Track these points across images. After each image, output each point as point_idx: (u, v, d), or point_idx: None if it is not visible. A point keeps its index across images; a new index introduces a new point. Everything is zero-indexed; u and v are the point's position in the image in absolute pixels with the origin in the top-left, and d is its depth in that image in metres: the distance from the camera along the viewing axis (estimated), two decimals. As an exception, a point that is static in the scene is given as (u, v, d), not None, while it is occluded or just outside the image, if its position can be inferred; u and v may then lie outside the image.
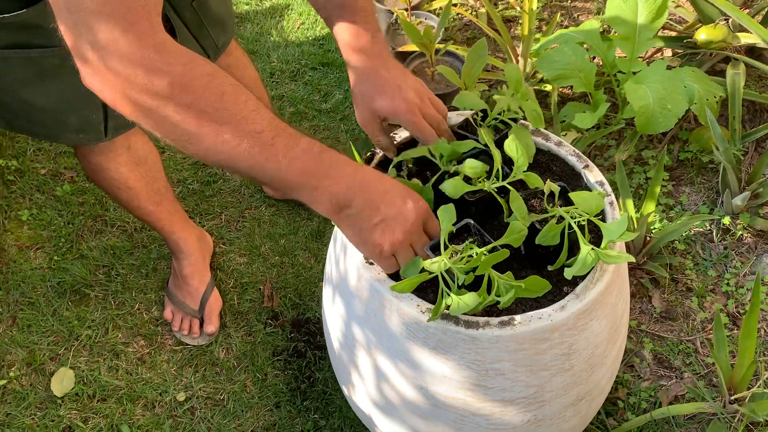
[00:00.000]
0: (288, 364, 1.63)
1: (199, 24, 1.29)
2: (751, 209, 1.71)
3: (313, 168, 0.86)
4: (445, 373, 1.00)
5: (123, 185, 1.44)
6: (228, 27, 1.40)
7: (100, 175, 1.42)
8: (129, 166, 1.42)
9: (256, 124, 0.83)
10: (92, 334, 1.70)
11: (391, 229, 0.93)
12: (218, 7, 1.34)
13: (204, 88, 0.79)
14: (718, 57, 1.91)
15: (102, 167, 1.40)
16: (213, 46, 1.35)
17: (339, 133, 2.10)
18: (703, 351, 1.58)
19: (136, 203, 1.49)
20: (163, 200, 1.54)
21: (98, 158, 1.38)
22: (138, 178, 1.45)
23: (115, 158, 1.39)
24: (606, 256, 0.92)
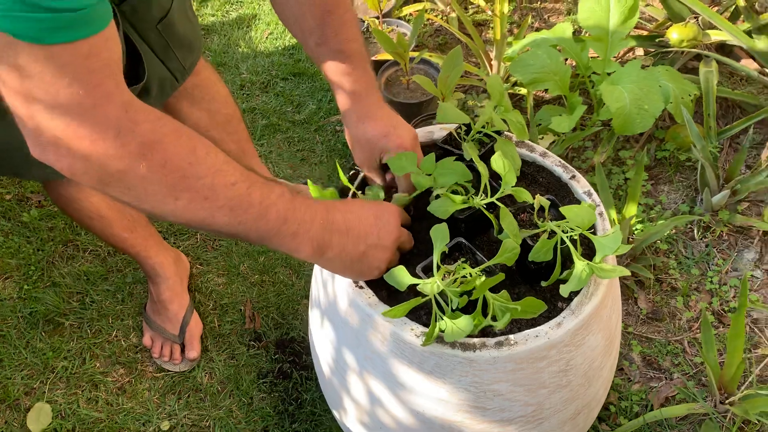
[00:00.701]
0: (274, 386, 1.59)
1: (165, 47, 1.25)
2: (729, 206, 1.72)
3: (289, 214, 0.85)
4: (442, 396, 0.97)
5: (95, 214, 1.39)
6: (195, 47, 1.36)
7: (71, 207, 1.37)
8: (99, 195, 1.37)
9: (229, 176, 0.81)
10: (68, 365, 1.64)
11: (381, 250, 0.94)
12: (184, 28, 1.30)
13: (175, 144, 0.76)
14: (689, 55, 1.92)
15: (72, 198, 1.35)
16: (180, 69, 1.31)
17: (314, 144, 2.07)
18: (690, 351, 1.58)
19: (109, 231, 1.44)
20: (137, 226, 1.49)
21: (68, 190, 1.33)
22: (110, 205, 1.40)
23: (85, 188, 1.34)
24: (601, 271, 0.90)
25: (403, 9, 2.16)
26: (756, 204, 1.76)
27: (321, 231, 0.88)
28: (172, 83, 1.29)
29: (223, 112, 1.60)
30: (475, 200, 0.98)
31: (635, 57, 2.05)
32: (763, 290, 1.65)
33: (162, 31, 1.22)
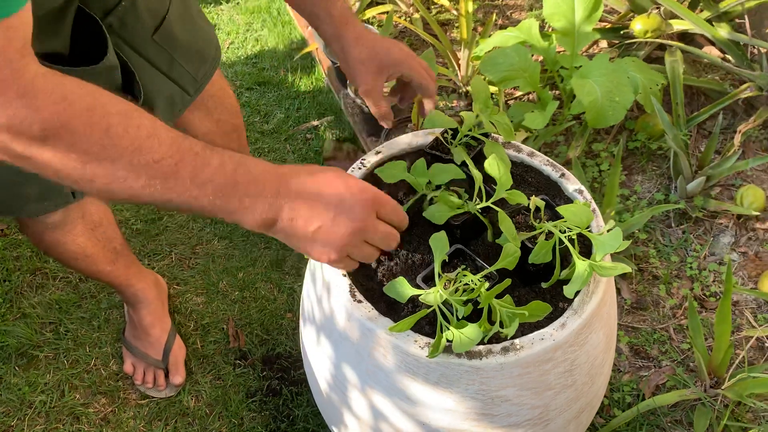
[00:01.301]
0: (264, 405, 1.56)
1: (168, 60, 1.16)
2: (703, 192, 1.75)
3: (227, 190, 0.77)
4: (449, 406, 0.96)
5: (81, 255, 1.35)
6: (208, 56, 1.27)
7: (57, 250, 1.32)
8: (86, 235, 1.32)
9: (153, 153, 0.73)
10: (46, 399, 1.58)
11: (334, 234, 0.83)
12: (189, 36, 1.20)
13: (84, 125, 0.70)
14: (653, 45, 1.95)
15: (59, 242, 1.29)
16: (191, 81, 1.22)
17: (285, 154, 2.03)
18: (677, 337, 1.59)
19: (93, 269, 1.40)
20: (119, 257, 1.45)
21: (54, 234, 1.28)
22: (95, 243, 1.35)
23: (72, 230, 1.29)
24: (602, 269, 0.90)
25: (366, 12, 2.14)
26: (728, 188, 1.79)
27: (267, 207, 0.79)
28: (182, 97, 1.21)
29: (230, 122, 1.55)
30: (469, 205, 0.97)
31: (600, 50, 2.07)
32: (741, 272, 1.68)
33: (160, 42, 1.13)
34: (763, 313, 1.61)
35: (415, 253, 1.03)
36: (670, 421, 1.47)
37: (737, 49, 1.86)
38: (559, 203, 1.06)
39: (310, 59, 2.27)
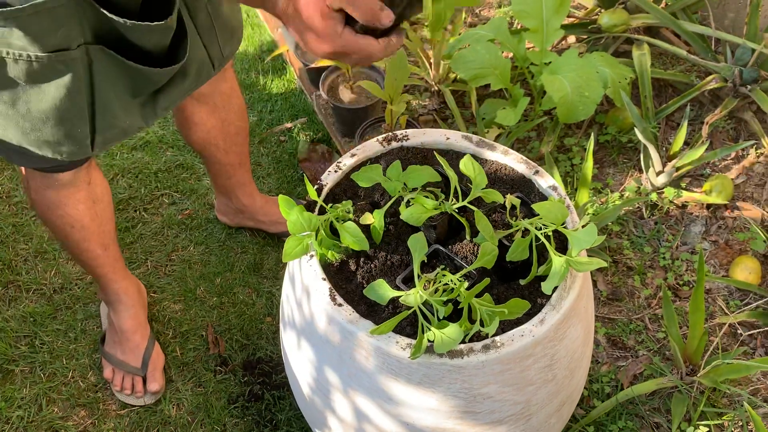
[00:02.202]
0: (246, 410, 1.55)
1: (210, 29, 1.18)
2: (673, 183, 1.78)
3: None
4: (432, 406, 0.97)
5: (78, 224, 1.33)
6: (236, 35, 1.29)
7: (55, 213, 1.31)
8: (86, 203, 1.32)
9: None
10: (24, 413, 1.55)
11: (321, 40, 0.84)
12: (229, 12, 1.23)
13: None
14: (620, 39, 1.98)
15: (60, 203, 1.29)
16: (219, 56, 1.24)
17: (259, 157, 2.02)
18: (652, 327, 1.62)
19: (86, 245, 1.38)
20: (111, 244, 1.44)
21: (58, 193, 1.27)
22: (93, 216, 1.35)
23: (75, 193, 1.28)
24: (579, 264, 0.91)
25: (336, 13, 2.13)
26: (697, 178, 1.83)
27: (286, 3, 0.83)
28: (208, 70, 1.22)
29: (236, 123, 1.55)
30: (446, 205, 0.97)
31: (569, 46, 2.09)
32: (712, 261, 1.72)
33: (210, 11, 1.15)
34: (734, 299, 1.64)
35: (393, 254, 1.03)
36: (649, 410, 1.49)
37: (702, 42, 1.90)
38: (534, 200, 1.07)
39: (281, 61, 2.26)
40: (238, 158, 1.64)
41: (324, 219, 1.00)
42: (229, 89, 1.50)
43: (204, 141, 1.55)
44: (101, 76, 1.04)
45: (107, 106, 1.08)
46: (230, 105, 1.52)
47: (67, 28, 0.96)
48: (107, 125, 1.11)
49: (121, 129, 1.13)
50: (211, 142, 1.55)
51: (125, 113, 1.11)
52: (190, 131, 1.53)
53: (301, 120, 2.09)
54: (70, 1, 0.94)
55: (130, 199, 1.93)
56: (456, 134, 1.15)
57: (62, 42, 0.97)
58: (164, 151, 2.04)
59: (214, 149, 1.58)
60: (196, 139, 1.55)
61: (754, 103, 1.85)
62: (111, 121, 1.10)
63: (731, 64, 1.81)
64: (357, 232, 0.97)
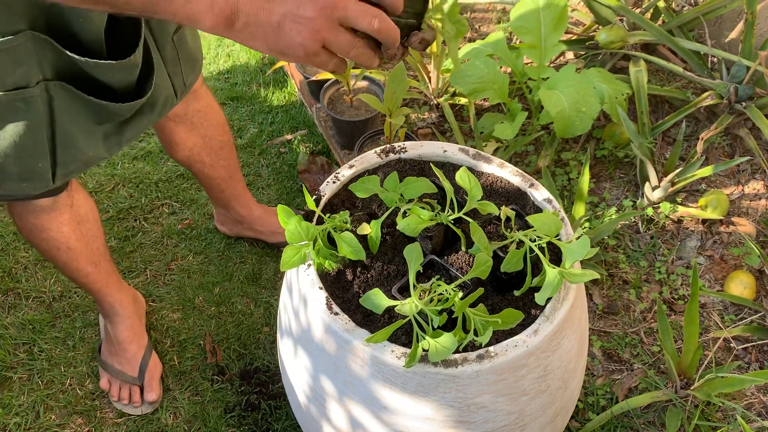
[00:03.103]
0: (243, 420, 1.56)
1: (175, 60, 1.20)
2: (669, 197, 1.79)
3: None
4: (427, 415, 0.97)
5: (64, 246, 1.34)
6: (197, 65, 1.31)
7: (39, 236, 1.31)
8: (71, 225, 1.32)
9: None
10: (21, 420, 1.56)
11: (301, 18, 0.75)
12: (192, 43, 1.25)
13: None
14: (617, 56, 2.00)
15: (43, 227, 1.29)
16: (181, 85, 1.26)
17: (259, 168, 2.04)
18: (647, 340, 1.63)
19: (74, 265, 1.39)
20: (102, 260, 1.45)
21: (40, 218, 1.27)
22: (79, 237, 1.35)
23: (58, 217, 1.29)
24: (572, 276, 0.93)
25: (337, 27, 2.16)
26: (693, 193, 1.84)
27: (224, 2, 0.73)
28: (172, 100, 1.23)
29: (217, 138, 1.56)
30: (442, 216, 0.99)
31: (567, 61, 2.12)
32: (707, 275, 1.73)
33: (176, 43, 1.17)
34: (729, 314, 1.65)
35: (390, 264, 1.04)
36: (644, 423, 1.50)
37: (698, 59, 1.92)
38: (529, 212, 1.09)
39: (282, 74, 2.29)
40: (226, 172, 1.65)
41: (322, 229, 1.01)
42: (205, 106, 1.51)
43: (188, 159, 1.57)
44: (62, 111, 1.04)
45: (69, 140, 1.08)
46: (208, 122, 1.53)
47: (27, 67, 0.95)
48: (69, 159, 1.11)
49: (83, 161, 1.14)
50: (195, 159, 1.57)
51: (88, 146, 1.11)
52: (173, 150, 1.55)
53: (301, 132, 2.11)
54: (29, 41, 0.93)
55: (131, 208, 1.94)
56: (453, 147, 1.16)
57: (20, 80, 0.96)
58: (165, 161, 2.06)
59: (201, 165, 1.59)
60: (180, 157, 1.57)
61: (749, 120, 1.87)
62: (74, 154, 1.11)
63: (727, 81, 1.83)
64: (354, 242, 0.99)
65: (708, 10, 1.90)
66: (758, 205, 1.81)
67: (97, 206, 1.92)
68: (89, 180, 2.00)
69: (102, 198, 1.96)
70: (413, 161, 1.17)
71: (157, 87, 1.14)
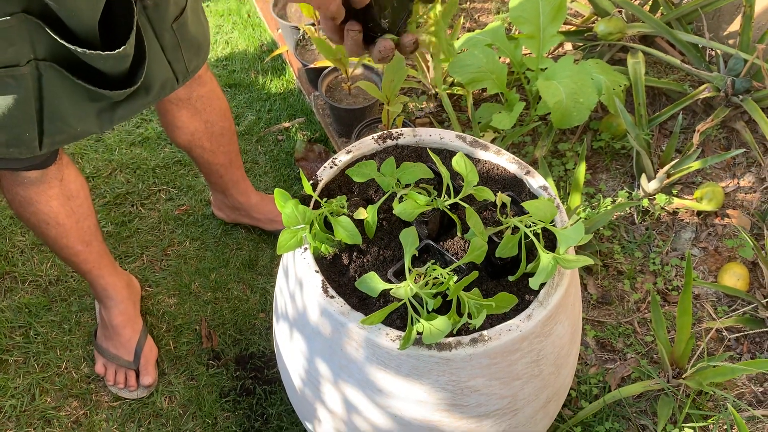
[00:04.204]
0: (238, 404, 1.57)
1: (175, 47, 1.20)
2: (665, 189, 1.80)
3: None
4: (420, 398, 0.98)
5: (53, 221, 1.34)
6: (202, 50, 1.31)
7: (28, 210, 1.32)
8: (60, 200, 1.32)
9: None
10: (17, 403, 1.56)
11: None
12: (195, 29, 1.26)
13: None
14: (616, 47, 2.00)
15: (32, 200, 1.29)
16: (184, 71, 1.26)
17: (257, 156, 2.04)
18: (641, 330, 1.64)
19: (64, 242, 1.39)
20: (93, 240, 1.45)
21: (28, 191, 1.28)
22: (69, 213, 1.35)
23: (47, 191, 1.29)
24: (566, 262, 0.93)
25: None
26: (688, 186, 1.85)
27: None
28: (172, 84, 1.24)
29: (219, 124, 1.56)
30: (438, 201, 1.00)
31: (564, 52, 2.12)
32: (701, 267, 1.74)
33: (176, 30, 1.18)
34: (722, 305, 1.66)
35: (386, 249, 1.05)
36: (635, 412, 1.51)
37: (696, 52, 1.93)
38: (525, 199, 1.09)
39: (280, 61, 2.29)
40: (226, 158, 1.65)
41: (318, 213, 1.02)
42: (209, 92, 1.51)
43: (189, 143, 1.57)
44: (51, 88, 1.06)
45: (57, 113, 1.10)
46: (211, 107, 1.53)
47: (18, 47, 0.98)
48: (56, 130, 1.13)
49: (70, 134, 1.15)
50: (196, 144, 1.57)
51: (77, 120, 1.13)
52: (174, 134, 1.55)
53: (299, 120, 2.11)
54: (22, 23, 0.96)
55: (128, 194, 1.94)
56: (450, 134, 1.17)
57: (11, 59, 0.99)
58: (162, 147, 2.06)
59: (201, 151, 1.59)
60: (181, 141, 1.57)
61: (746, 113, 1.87)
62: (60, 126, 1.12)
63: (724, 74, 1.84)
64: (350, 226, 0.99)
65: (706, 2, 1.90)
66: (753, 198, 1.82)
67: (94, 191, 1.93)
68: (86, 165, 2.00)
69: (99, 183, 1.96)
70: (410, 147, 1.17)
71: (151, 73, 1.15)
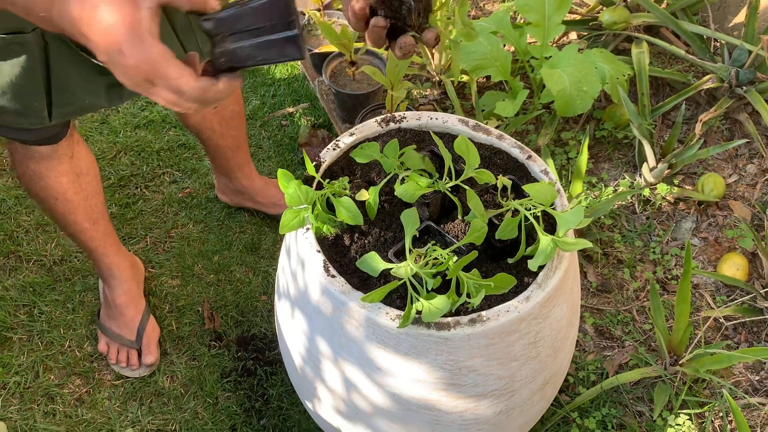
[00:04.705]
0: (238, 384, 1.58)
1: (187, 29, 1.20)
2: (666, 179, 1.81)
3: None
4: (418, 377, 1.00)
5: (61, 196, 1.36)
6: None
7: (38, 184, 1.33)
8: (70, 177, 1.34)
9: None
10: (21, 380, 1.58)
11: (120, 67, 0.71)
12: None
13: None
14: (620, 37, 2.00)
15: (42, 175, 1.31)
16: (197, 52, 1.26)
17: (261, 140, 2.05)
18: (639, 318, 1.65)
19: (72, 218, 1.41)
20: (100, 219, 1.47)
21: (38, 165, 1.29)
22: (78, 190, 1.37)
23: (57, 166, 1.31)
24: (565, 244, 0.94)
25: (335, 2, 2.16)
26: (690, 176, 1.86)
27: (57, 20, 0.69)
28: None
29: (230, 107, 1.58)
30: (439, 184, 1.00)
31: (569, 41, 2.12)
32: (701, 257, 1.75)
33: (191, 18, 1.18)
34: (721, 295, 1.67)
35: (387, 231, 1.06)
36: (632, 398, 1.53)
37: (700, 42, 1.93)
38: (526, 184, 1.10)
39: (285, 47, 2.29)
40: (234, 141, 1.66)
41: (321, 194, 1.03)
42: None
43: (199, 125, 1.58)
44: (57, 57, 1.07)
45: (64, 84, 1.11)
46: None
47: None
48: (64, 101, 1.14)
49: (79, 106, 1.16)
50: (206, 126, 1.59)
51: (86, 93, 1.14)
52: (185, 115, 1.57)
53: (303, 105, 2.12)
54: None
55: (132, 176, 1.96)
56: (453, 118, 1.17)
57: (17, 26, 1.00)
58: (167, 130, 2.07)
59: (210, 133, 1.61)
60: (191, 123, 1.58)
61: (750, 105, 1.88)
62: (68, 98, 1.13)
63: (728, 65, 1.84)
64: (352, 207, 1.00)
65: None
66: (754, 189, 1.82)
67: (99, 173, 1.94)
68: (91, 147, 2.01)
69: (104, 165, 1.97)
70: (413, 131, 1.18)
71: None
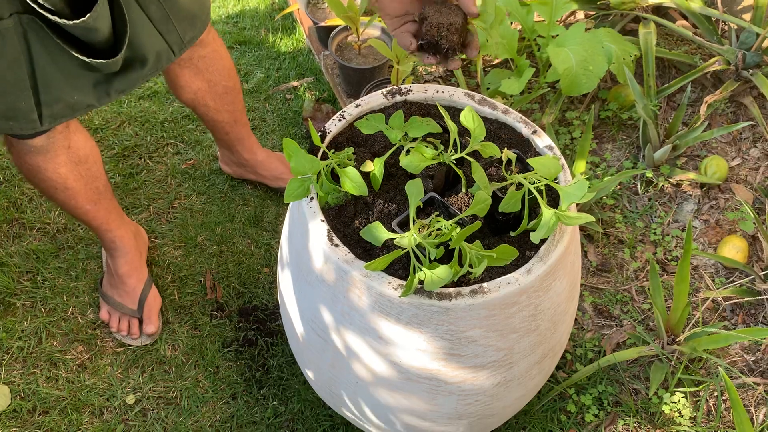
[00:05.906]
0: (239, 354, 1.60)
1: (165, 19, 1.20)
2: (669, 161, 1.81)
3: None
4: (420, 346, 1.01)
5: (61, 186, 1.36)
6: (198, 21, 1.31)
7: (37, 176, 1.34)
8: (68, 166, 1.34)
9: None
10: (24, 345, 1.60)
11: None
12: (189, 2, 1.26)
13: None
14: (628, 17, 1.99)
15: (40, 168, 1.31)
16: (179, 41, 1.27)
17: (265, 113, 2.05)
18: (638, 298, 1.67)
19: (73, 203, 1.41)
20: (102, 199, 1.47)
21: (36, 159, 1.29)
22: (77, 177, 1.37)
23: (54, 158, 1.31)
24: (567, 218, 0.95)
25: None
26: (693, 158, 1.86)
27: None
28: (168, 55, 1.25)
29: (222, 84, 1.58)
30: (444, 156, 1.01)
31: (576, 20, 2.11)
32: (702, 239, 1.76)
33: (163, 2, 1.18)
34: (720, 277, 1.68)
35: (391, 203, 1.07)
36: (629, 376, 1.54)
37: (708, 24, 1.92)
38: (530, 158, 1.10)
39: (291, 20, 2.28)
40: (231, 116, 1.66)
41: (326, 164, 1.03)
42: (211, 52, 1.52)
43: (193, 101, 1.58)
44: (39, 47, 1.06)
45: (49, 78, 1.10)
46: (213, 67, 1.54)
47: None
48: (52, 99, 1.13)
49: (67, 104, 1.15)
50: (200, 102, 1.59)
51: (72, 88, 1.13)
52: (178, 92, 1.56)
53: (308, 79, 2.12)
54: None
55: (136, 146, 1.96)
56: (459, 91, 1.18)
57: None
58: (171, 102, 2.06)
59: (205, 109, 1.61)
60: (185, 99, 1.58)
61: (755, 88, 1.87)
62: (56, 94, 1.13)
63: (735, 48, 1.83)
64: (357, 177, 1.01)
65: (722, -26, 1.89)
66: (757, 173, 1.83)
67: (103, 143, 1.95)
68: (96, 117, 2.01)
69: (108, 135, 1.98)
70: (419, 104, 1.18)
71: (142, 44, 1.16)
